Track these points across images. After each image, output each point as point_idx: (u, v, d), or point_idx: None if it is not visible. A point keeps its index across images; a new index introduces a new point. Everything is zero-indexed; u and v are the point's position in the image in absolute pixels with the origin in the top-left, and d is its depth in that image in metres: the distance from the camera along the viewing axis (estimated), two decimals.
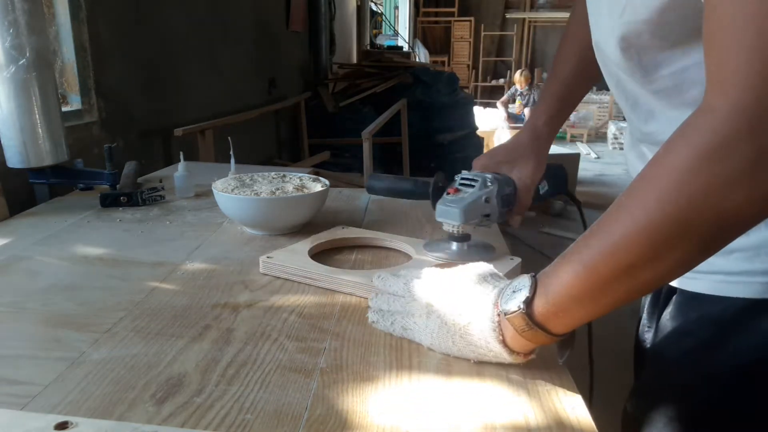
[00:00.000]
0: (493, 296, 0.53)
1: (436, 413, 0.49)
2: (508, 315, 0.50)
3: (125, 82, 1.81)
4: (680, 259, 0.44)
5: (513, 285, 0.52)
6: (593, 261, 0.46)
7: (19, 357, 0.57)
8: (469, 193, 0.76)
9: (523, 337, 0.51)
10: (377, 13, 8.75)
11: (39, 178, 1.12)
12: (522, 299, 0.50)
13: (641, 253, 0.44)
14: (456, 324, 0.54)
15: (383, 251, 0.87)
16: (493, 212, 0.77)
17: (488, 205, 0.76)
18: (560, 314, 0.49)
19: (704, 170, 0.41)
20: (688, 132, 0.43)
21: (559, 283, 0.48)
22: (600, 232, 0.46)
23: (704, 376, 0.61)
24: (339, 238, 0.88)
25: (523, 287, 0.51)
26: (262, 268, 0.78)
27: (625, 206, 0.45)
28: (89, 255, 0.85)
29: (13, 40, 1.00)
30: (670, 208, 0.42)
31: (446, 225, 0.77)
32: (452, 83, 4.55)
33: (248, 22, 3.08)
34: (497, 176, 0.79)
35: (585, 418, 0.49)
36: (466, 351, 0.55)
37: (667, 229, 0.43)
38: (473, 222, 0.76)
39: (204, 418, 0.47)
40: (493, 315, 0.52)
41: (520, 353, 0.53)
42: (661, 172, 0.44)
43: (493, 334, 0.52)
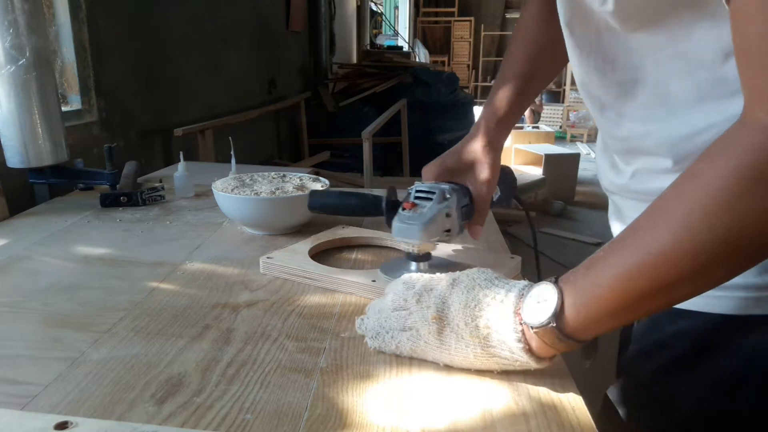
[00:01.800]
0: (511, 304, 0.50)
1: (436, 413, 0.49)
2: (535, 328, 0.48)
3: (125, 82, 1.81)
4: (723, 276, 0.43)
5: (535, 294, 0.50)
6: (631, 277, 0.44)
7: (19, 357, 0.57)
8: (427, 208, 0.69)
9: (552, 347, 0.49)
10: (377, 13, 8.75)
11: (39, 178, 1.12)
12: (551, 313, 0.47)
13: (684, 271, 0.42)
14: (474, 336, 0.51)
15: (384, 250, 0.87)
16: (454, 227, 0.70)
17: (449, 219, 0.69)
18: (591, 326, 0.47)
19: (757, 191, 0.39)
20: (733, 149, 0.40)
21: (593, 298, 0.46)
22: (636, 248, 0.44)
23: (679, 394, 0.60)
24: (339, 237, 0.88)
25: (548, 298, 0.48)
26: (263, 269, 0.78)
27: (662, 223, 0.43)
28: (89, 255, 0.85)
29: (13, 40, 1.00)
30: (720, 230, 0.40)
31: (405, 244, 0.70)
32: (452, 83, 4.56)
33: (248, 22, 3.08)
34: (455, 186, 0.72)
35: (585, 418, 0.49)
36: (490, 363, 0.52)
37: (715, 250, 0.41)
38: (434, 239, 0.70)
39: (204, 418, 0.47)
40: (516, 325, 0.49)
41: (546, 358, 0.51)
42: (704, 190, 0.41)
43: (519, 345, 0.49)
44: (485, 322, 0.51)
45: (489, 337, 0.51)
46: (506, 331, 0.50)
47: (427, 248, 0.71)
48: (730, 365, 0.57)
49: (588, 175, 5.67)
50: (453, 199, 0.70)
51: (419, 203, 0.70)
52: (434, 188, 0.71)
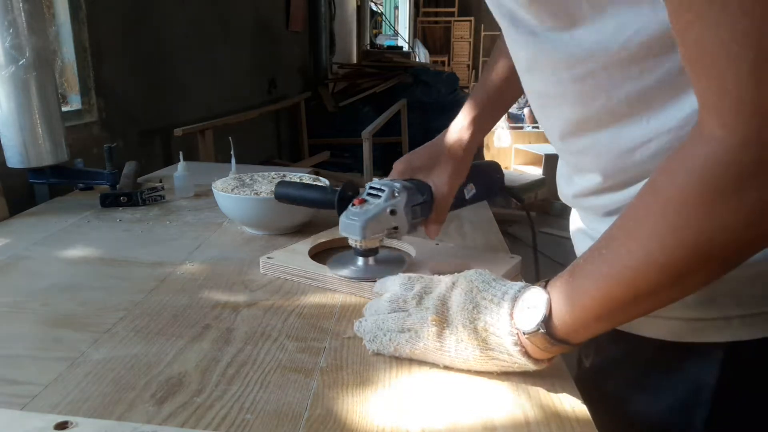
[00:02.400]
0: (507, 307, 0.51)
1: (436, 413, 0.49)
2: (527, 334, 0.49)
3: (125, 82, 1.81)
4: (701, 281, 0.44)
5: (525, 299, 0.50)
6: (610, 287, 0.45)
7: (19, 357, 0.57)
8: (374, 205, 0.70)
9: (546, 351, 0.50)
10: (377, 13, 8.75)
11: (39, 178, 1.12)
12: (539, 319, 0.48)
13: (661, 282, 0.43)
14: (472, 339, 0.52)
15: (383, 250, 0.87)
16: (401, 224, 0.71)
17: (394, 217, 0.70)
18: (580, 331, 0.48)
19: (719, 204, 0.39)
20: (691, 162, 0.40)
21: (578, 305, 0.47)
22: (612, 259, 0.45)
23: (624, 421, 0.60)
24: (339, 237, 0.88)
25: (537, 304, 0.49)
26: (263, 268, 0.78)
27: (635, 236, 0.44)
28: (89, 255, 0.85)
29: (13, 40, 1.00)
30: (689, 242, 0.41)
31: (350, 240, 0.72)
32: (452, 83, 4.56)
33: (248, 22, 3.08)
34: (408, 184, 0.73)
35: (585, 418, 0.49)
36: (489, 365, 0.53)
37: (687, 262, 0.42)
38: (377, 236, 0.71)
39: (204, 418, 0.47)
40: (511, 329, 0.50)
41: (544, 360, 0.51)
42: (669, 205, 0.41)
43: (516, 348, 0.50)
44: (483, 325, 0.52)
45: (487, 339, 0.52)
46: (503, 334, 0.50)
47: (372, 244, 0.72)
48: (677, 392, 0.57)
49: None
50: (401, 198, 0.71)
51: (369, 200, 0.71)
52: (385, 185, 0.71)
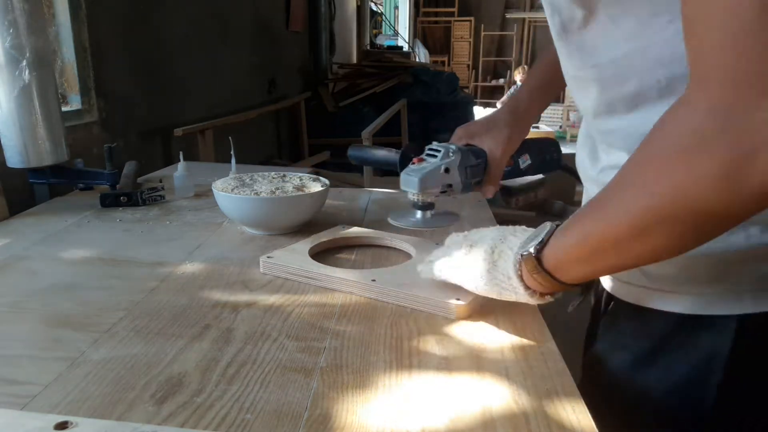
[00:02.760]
0: (524, 239, 0.56)
1: (436, 413, 0.49)
2: (523, 255, 0.54)
3: (125, 82, 1.81)
4: (661, 245, 0.45)
5: (537, 230, 0.55)
6: (587, 230, 0.49)
7: (19, 357, 0.57)
8: (431, 163, 0.78)
9: (534, 278, 0.54)
10: (377, 13, 8.74)
11: (39, 178, 1.12)
12: (535, 243, 0.53)
13: (625, 232, 0.46)
14: (485, 260, 0.58)
15: (384, 250, 0.87)
16: (455, 182, 0.79)
17: (448, 175, 0.78)
18: (562, 268, 0.52)
19: (681, 165, 0.41)
20: (668, 123, 0.43)
21: (563, 243, 0.52)
22: (597, 206, 0.49)
23: (638, 394, 0.61)
24: (339, 237, 0.88)
25: (540, 234, 0.54)
26: (263, 268, 0.78)
27: (618, 185, 0.47)
28: (89, 255, 0.85)
29: (13, 40, 1.00)
30: (651, 198, 0.43)
31: (409, 193, 0.79)
32: (452, 83, 4.56)
33: (248, 22, 3.08)
34: (463, 147, 0.80)
35: (585, 417, 0.49)
36: (491, 285, 0.58)
37: (648, 216, 0.44)
38: (433, 191, 0.78)
39: (204, 418, 0.47)
40: (517, 252, 0.55)
41: (536, 292, 0.55)
42: (646, 160, 0.45)
43: (514, 269, 0.55)
44: (498, 251, 0.57)
45: (497, 262, 0.57)
46: (509, 258, 0.56)
47: (427, 198, 0.81)
48: (691, 362, 0.58)
49: None
50: (455, 157, 0.79)
51: (426, 159, 0.80)
52: (442, 147, 0.80)
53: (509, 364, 0.56)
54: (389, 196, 1.19)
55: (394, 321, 0.65)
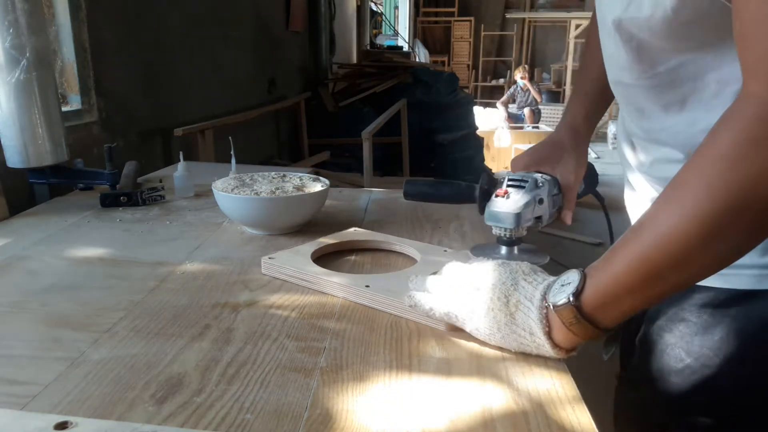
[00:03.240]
0: (542, 288, 0.54)
1: (436, 413, 0.49)
2: (556, 308, 0.51)
3: (125, 82, 1.81)
4: (731, 248, 0.45)
5: (562, 279, 0.53)
6: (645, 252, 0.47)
7: (19, 357, 0.57)
8: (520, 195, 0.73)
9: (571, 330, 0.51)
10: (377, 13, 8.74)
11: (39, 178, 1.12)
12: (571, 291, 0.50)
13: (692, 243, 0.45)
14: (502, 311, 0.54)
15: (392, 255, 0.86)
16: (545, 214, 0.74)
17: (540, 206, 0.73)
18: (609, 306, 0.50)
19: (752, 156, 0.41)
20: (732, 120, 0.44)
21: (610, 274, 0.49)
22: (650, 224, 0.47)
23: (696, 359, 0.62)
24: (346, 241, 0.87)
25: (572, 281, 0.51)
26: (264, 269, 0.78)
27: (673, 197, 0.46)
28: (89, 255, 0.85)
29: (13, 40, 1.00)
30: (720, 196, 0.43)
31: (496, 229, 0.74)
32: (452, 83, 4.55)
33: (248, 22, 3.08)
34: (547, 176, 0.76)
35: (585, 417, 0.49)
36: (510, 340, 0.55)
37: (717, 218, 0.43)
38: (526, 225, 0.73)
39: (204, 418, 0.47)
40: (541, 305, 0.52)
41: (563, 348, 0.53)
42: (707, 161, 0.44)
43: (539, 325, 0.52)
44: (515, 301, 0.54)
45: (515, 314, 0.54)
46: (531, 309, 0.53)
47: (519, 233, 0.74)
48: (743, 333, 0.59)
49: None
50: (545, 187, 0.74)
51: (511, 191, 0.74)
52: (527, 177, 0.74)
53: (509, 364, 0.56)
54: (389, 196, 1.19)
55: (394, 321, 0.65)
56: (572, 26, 8.72)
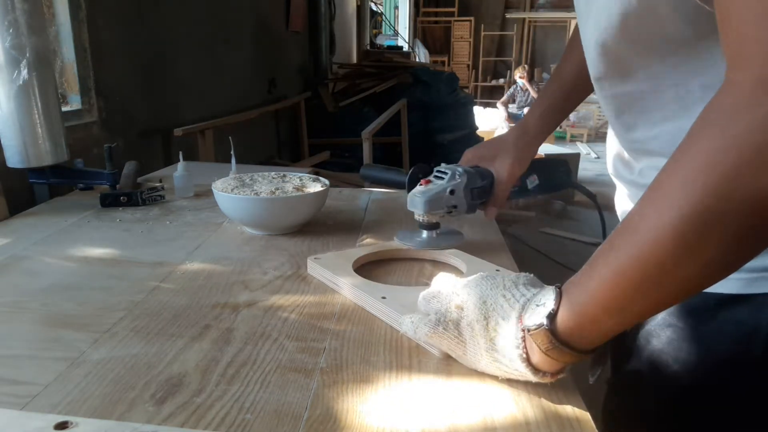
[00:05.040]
0: (518, 307, 0.49)
1: (435, 413, 0.49)
2: (530, 332, 0.46)
3: (125, 82, 1.81)
4: (715, 257, 0.39)
5: (537, 298, 0.49)
6: (621, 265, 0.42)
7: (19, 357, 0.57)
8: (437, 185, 0.79)
9: (548, 356, 0.46)
10: (377, 13, 8.74)
11: (39, 178, 1.12)
12: (545, 314, 0.46)
13: (671, 250, 0.40)
14: (483, 336, 0.51)
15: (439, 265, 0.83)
16: (460, 204, 0.80)
17: (453, 197, 0.79)
18: (587, 327, 0.45)
19: (732, 148, 0.37)
20: (710, 113, 0.40)
21: (585, 293, 0.45)
22: (626, 232, 0.43)
23: (684, 364, 0.62)
24: (386, 249, 0.85)
25: (547, 300, 0.47)
26: (309, 269, 0.78)
27: (650, 200, 0.42)
28: (89, 255, 0.85)
29: (13, 40, 1.00)
30: (698, 195, 0.38)
31: (415, 214, 0.80)
32: (452, 83, 4.55)
33: (248, 22, 3.08)
34: (470, 169, 0.81)
35: (585, 418, 0.49)
36: (493, 368, 0.52)
37: (696, 220, 0.38)
38: (438, 212, 0.79)
39: (204, 418, 0.47)
40: (516, 331, 0.48)
41: (547, 373, 0.48)
42: (685, 158, 0.40)
43: (516, 352, 0.48)
44: (493, 324, 0.50)
45: (494, 339, 0.50)
46: (508, 336, 0.49)
47: (432, 219, 0.80)
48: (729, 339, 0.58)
49: (588, 175, 5.67)
50: (462, 180, 0.79)
51: (434, 181, 0.80)
52: (449, 169, 0.80)
53: None
54: (389, 196, 1.19)
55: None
56: (572, 26, 8.71)
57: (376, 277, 0.76)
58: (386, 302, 0.65)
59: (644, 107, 0.61)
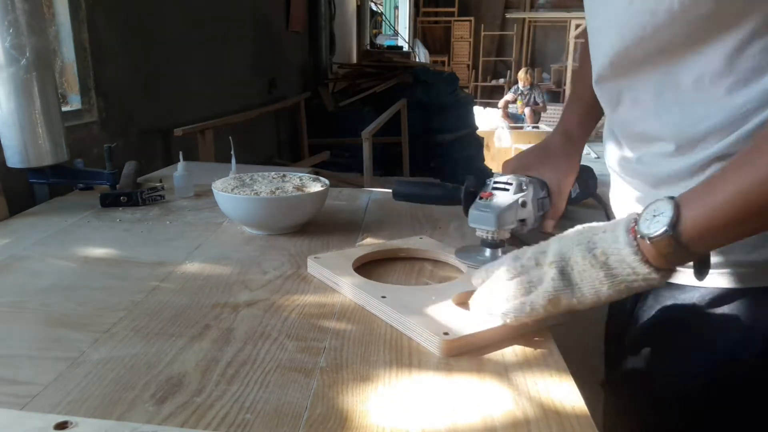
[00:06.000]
0: (623, 225, 0.53)
1: (436, 413, 0.49)
2: (652, 239, 0.50)
3: (125, 82, 1.81)
4: None
5: (651, 209, 0.52)
6: (747, 192, 0.47)
7: (19, 357, 0.57)
8: (504, 197, 0.73)
9: (665, 258, 0.51)
10: (377, 13, 8.74)
11: (39, 178, 1.12)
12: (666, 222, 0.50)
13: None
14: (594, 266, 0.53)
15: (445, 266, 0.82)
16: (529, 217, 0.74)
17: (524, 209, 0.73)
18: (708, 236, 0.50)
19: None
20: None
21: (711, 206, 0.49)
22: (748, 164, 0.48)
23: (682, 360, 0.63)
24: (389, 248, 0.84)
25: (664, 211, 0.51)
26: (309, 269, 0.78)
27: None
28: (89, 255, 0.85)
29: (13, 40, 1.00)
30: None
31: (479, 231, 0.74)
32: (452, 83, 4.55)
33: (248, 22, 3.08)
34: (533, 179, 0.75)
35: (585, 418, 0.49)
36: (616, 286, 0.53)
37: None
38: (508, 227, 0.73)
39: (204, 418, 0.47)
40: (631, 240, 0.51)
41: (665, 270, 0.52)
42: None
43: (637, 257, 0.51)
44: (601, 250, 0.53)
45: (608, 262, 0.53)
46: (623, 249, 0.52)
47: (502, 235, 0.73)
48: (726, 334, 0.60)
49: None
50: (529, 190, 0.73)
51: (496, 193, 0.74)
52: (512, 179, 0.74)
53: (509, 364, 0.56)
54: (389, 196, 1.19)
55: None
56: (572, 26, 8.71)
57: (376, 276, 0.76)
58: (386, 301, 0.65)
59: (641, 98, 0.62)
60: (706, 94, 0.57)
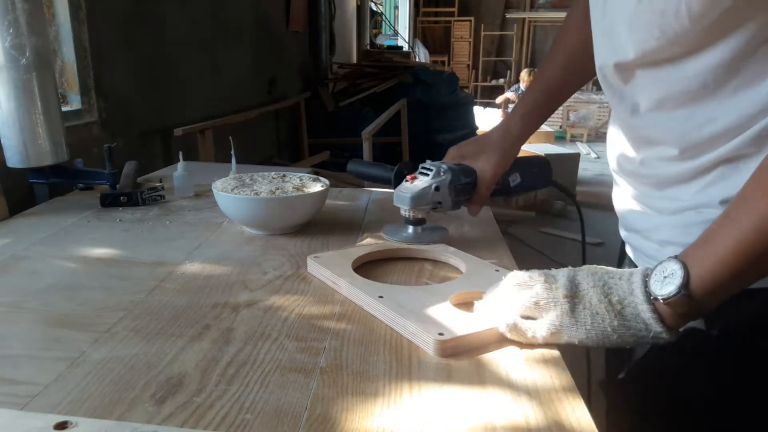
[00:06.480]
0: (639, 281, 0.54)
1: (436, 413, 0.49)
2: (667, 300, 0.52)
3: (125, 82, 1.81)
4: None
5: (660, 271, 0.54)
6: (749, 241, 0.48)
7: (19, 357, 0.57)
8: (422, 182, 0.82)
9: (682, 316, 0.52)
10: (377, 13, 8.74)
11: (39, 178, 1.12)
12: (678, 283, 0.51)
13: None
14: (609, 312, 0.54)
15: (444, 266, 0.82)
16: (445, 200, 0.82)
17: (438, 193, 0.81)
18: (719, 290, 0.51)
19: None
20: None
21: (716, 261, 0.50)
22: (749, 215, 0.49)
23: (681, 365, 0.63)
24: (387, 249, 0.84)
25: (674, 271, 0.52)
26: (309, 268, 0.78)
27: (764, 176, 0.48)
28: (89, 255, 0.85)
29: (13, 40, 1.00)
30: None
31: (401, 209, 0.83)
32: (452, 83, 4.55)
33: (248, 22, 3.08)
34: (454, 167, 0.83)
35: (585, 418, 0.49)
36: (626, 337, 0.54)
37: None
38: (424, 208, 0.82)
39: (204, 418, 0.47)
40: (647, 298, 0.53)
41: (675, 329, 0.54)
42: None
43: (653, 316, 0.53)
44: (617, 298, 0.54)
45: (623, 312, 0.54)
46: (640, 304, 0.53)
47: (418, 214, 0.84)
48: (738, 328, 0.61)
49: (588, 175, 5.66)
50: (446, 177, 0.82)
51: (419, 177, 0.83)
52: (434, 166, 0.83)
53: (509, 365, 0.56)
54: (389, 196, 1.19)
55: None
56: None
57: (376, 276, 0.76)
58: (383, 301, 0.65)
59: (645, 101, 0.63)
60: (711, 97, 0.57)
